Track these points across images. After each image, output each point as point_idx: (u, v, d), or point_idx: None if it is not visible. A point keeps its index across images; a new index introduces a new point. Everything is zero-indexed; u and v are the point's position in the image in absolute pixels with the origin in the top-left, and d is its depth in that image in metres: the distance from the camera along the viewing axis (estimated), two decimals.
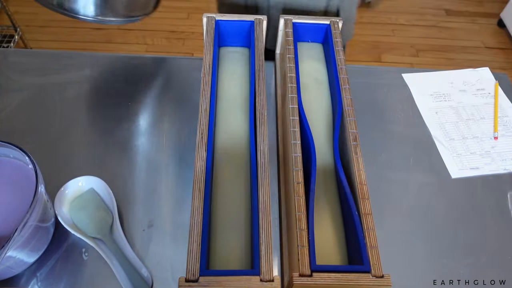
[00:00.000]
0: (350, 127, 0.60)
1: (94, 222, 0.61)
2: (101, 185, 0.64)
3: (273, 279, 0.47)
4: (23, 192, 0.55)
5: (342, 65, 0.68)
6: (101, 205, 0.63)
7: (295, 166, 0.57)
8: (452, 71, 0.89)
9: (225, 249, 0.54)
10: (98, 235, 0.60)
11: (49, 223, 0.58)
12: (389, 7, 2.33)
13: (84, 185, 0.63)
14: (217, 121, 0.66)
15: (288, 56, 0.69)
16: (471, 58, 2.08)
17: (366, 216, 0.52)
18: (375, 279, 0.48)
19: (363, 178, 0.55)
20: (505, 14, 2.15)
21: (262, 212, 0.51)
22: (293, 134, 0.60)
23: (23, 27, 1.93)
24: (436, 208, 0.68)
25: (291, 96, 0.64)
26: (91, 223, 0.60)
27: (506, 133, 0.79)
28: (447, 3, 2.37)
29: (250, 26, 0.73)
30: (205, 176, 0.54)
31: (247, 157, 0.62)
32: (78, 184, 0.63)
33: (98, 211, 0.62)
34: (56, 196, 0.61)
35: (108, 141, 0.73)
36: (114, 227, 0.61)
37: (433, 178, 0.72)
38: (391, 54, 2.08)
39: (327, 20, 0.75)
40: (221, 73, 0.73)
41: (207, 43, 0.69)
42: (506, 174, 0.73)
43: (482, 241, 0.65)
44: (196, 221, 0.50)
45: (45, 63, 0.79)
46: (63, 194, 0.62)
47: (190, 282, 0.46)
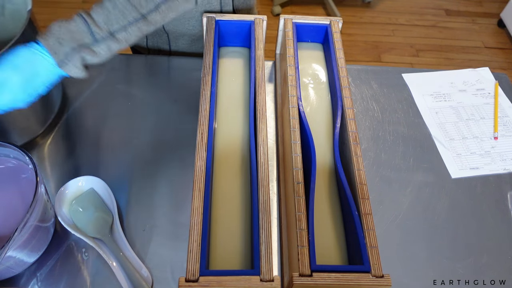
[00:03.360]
0: (350, 127, 0.60)
1: (94, 222, 0.61)
2: (101, 185, 0.64)
3: (273, 279, 0.47)
4: (23, 192, 0.55)
5: (342, 65, 0.68)
6: (101, 205, 0.63)
7: (295, 166, 0.57)
8: (452, 71, 0.89)
9: (225, 249, 0.54)
10: (98, 235, 0.59)
11: (49, 223, 0.58)
12: (389, 7, 2.33)
13: (84, 185, 0.63)
14: (217, 121, 0.66)
15: (288, 56, 0.69)
16: (471, 58, 2.08)
17: (366, 216, 0.52)
18: (375, 279, 0.48)
19: (363, 178, 0.55)
20: (505, 14, 2.15)
21: (262, 212, 0.51)
22: (293, 134, 0.60)
23: None
24: (436, 208, 0.68)
25: (291, 96, 0.64)
26: (91, 223, 0.60)
27: (506, 133, 0.79)
28: (447, 3, 2.37)
29: (250, 26, 0.73)
30: (205, 176, 0.54)
31: (247, 157, 0.62)
32: (78, 184, 0.63)
33: (98, 211, 0.62)
34: (56, 196, 0.61)
35: (108, 141, 0.73)
36: (114, 227, 0.61)
37: (433, 178, 0.72)
38: (391, 54, 2.08)
39: (327, 20, 0.75)
40: (221, 73, 0.73)
41: (207, 43, 0.69)
42: (506, 174, 0.73)
43: (482, 241, 0.65)
44: (196, 221, 0.50)
45: None
46: (63, 194, 0.62)
47: (190, 282, 0.46)
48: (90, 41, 0.48)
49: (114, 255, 0.58)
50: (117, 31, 0.49)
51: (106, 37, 0.49)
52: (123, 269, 0.57)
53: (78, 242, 0.61)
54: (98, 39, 0.48)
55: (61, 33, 0.47)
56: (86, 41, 0.48)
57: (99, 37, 0.48)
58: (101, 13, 0.48)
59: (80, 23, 0.47)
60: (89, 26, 0.48)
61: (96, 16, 0.48)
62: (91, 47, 0.48)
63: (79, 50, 0.48)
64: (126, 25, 0.49)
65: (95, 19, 0.48)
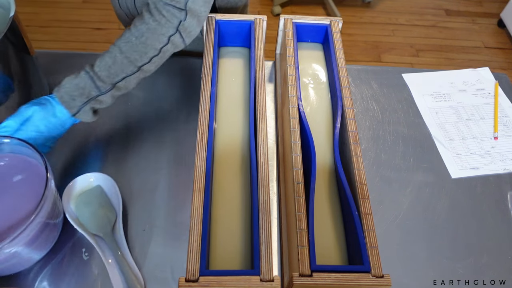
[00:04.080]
0: (350, 127, 0.60)
1: (97, 219, 0.61)
2: (109, 183, 0.64)
3: (273, 279, 0.47)
4: (34, 189, 0.55)
5: (342, 65, 0.68)
6: (106, 202, 0.63)
7: (295, 166, 0.57)
8: (452, 71, 0.89)
9: (225, 249, 0.54)
10: (99, 233, 0.60)
11: (57, 219, 0.58)
12: (389, 7, 2.33)
13: (93, 181, 0.64)
14: (217, 121, 0.66)
15: (288, 56, 0.69)
16: (471, 58, 2.08)
17: (366, 216, 0.52)
18: (375, 279, 0.48)
19: (363, 178, 0.55)
20: (505, 14, 2.15)
21: (262, 212, 0.51)
22: (293, 134, 0.60)
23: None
24: (436, 208, 0.68)
25: (291, 96, 0.64)
26: (94, 219, 0.61)
27: (506, 133, 0.79)
28: (447, 3, 2.37)
29: (250, 26, 0.73)
30: (205, 176, 0.54)
31: (247, 157, 0.62)
32: (89, 180, 0.63)
33: (102, 208, 0.62)
34: (65, 191, 0.62)
35: (108, 141, 0.73)
36: (116, 226, 0.61)
37: (433, 178, 0.72)
38: (391, 54, 2.08)
39: (327, 20, 0.75)
40: (221, 73, 0.73)
41: (207, 43, 0.69)
42: (506, 174, 0.73)
43: (482, 241, 0.65)
44: (196, 221, 0.50)
45: (45, 63, 0.79)
46: (72, 188, 0.62)
47: (190, 282, 0.46)
48: (96, 93, 0.58)
49: (113, 254, 0.58)
50: (118, 82, 0.58)
51: (110, 88, 0.58)
52: (120, 268, 0.57)
53: (81, 240, 0.61)
54: (103, 91, 0.58)
55: (72, 90, 0.57)
56: (93, 94, 0.57)
57: (104, 90, 0.58)
58: (104, 69, 0.57)
59: (88, 80, 0.57)
60: (95, 82, 0.57)
61: (100, 72, 0.57)
62: (98, 98, 0.58)
63: (89, 102, 0.58)
64: (125, 77, 0.58)
65: (99, 74, 0.57)
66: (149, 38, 0.58)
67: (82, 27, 2.09)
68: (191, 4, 0.58)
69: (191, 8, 0.58)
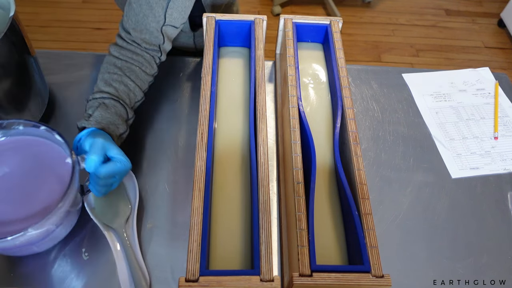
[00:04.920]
0: (350, 127, 0.60)
1: (112, 210, 0.61)
2: (131, 178, 0.64)
3: (273, 279, 0.47)
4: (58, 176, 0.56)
5: (342, 65, 0.68)
6: (123, 196, 0.63)
7: (295, 166, 0.57)
8: (452, 71, 0.89)
9: (225, 249, 0.54)
10: (113, 225, 0.60)
11: (77, 207, 0.59)
12: (389, 7, 2.33)
13: None
14: (217, 121, 0.66)
15: (288, 56, 0.69)
16: (471, 58, 2.08)
17: (366, 216, 0.52)
18: (375, 279, 0.48)
19: (363, 178, 0.55)
20: (505, 14, 2.15)
21: (262, 212, 0.51)
22: (293, 134, 0.60)
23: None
24: (436, 208, 0.68)
25: (291, 96, 0.64)
26: (110, 210, 0.61)
27: (506, 133, 0.79)
28: (447, 3, 2.37)
29: (250, 26, 0.73)
30: (205, 176, 0.54)
31: (247, 157, 0.62)
32: None
33: (119, 201, 0.62)
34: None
35: None
36: (130, 221, 0.61)
37: (433, 178, 0.72)
38: (391, 54, 2.08)
39: (327, 20, 0.75)
40: (221, 73, 0.73)
41: (207, 43, 0.69)
42: (506, 174, 0.73)
43: (482, 241, 0.65)
44: (196, 221, 0.50)
45: (45, 63, 0.79)
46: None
47: (190, 282, 0.46)
48: (127, 117, 0.66)
49: (123, 248, 0.58)
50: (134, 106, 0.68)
51: (131, 111, 0.67)
52: (128, 263, 0.57)
53: (81, 241, 0.61)
54: (130, 116, 0.66)
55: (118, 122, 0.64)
56: (125, 117, 0.65)
57: (130, 115, 0.66)
58: (126, 98, 0.65)
59: (121, 108, 0.64)
60: (126, 109, 0.65)
61: (126, 100, 0.65)
62: (127, 121, 0.66)
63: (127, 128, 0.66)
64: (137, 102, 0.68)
65: (126, 102, 0.65)
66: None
67: (82, 27, 2.09)
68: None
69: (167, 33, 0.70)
